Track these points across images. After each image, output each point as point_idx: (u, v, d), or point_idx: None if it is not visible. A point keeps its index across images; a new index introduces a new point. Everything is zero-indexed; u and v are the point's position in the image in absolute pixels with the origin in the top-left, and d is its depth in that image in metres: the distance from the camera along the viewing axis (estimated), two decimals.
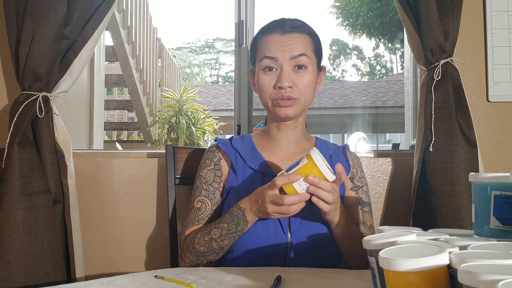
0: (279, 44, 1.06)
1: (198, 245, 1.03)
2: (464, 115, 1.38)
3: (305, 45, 1.08)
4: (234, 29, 1.74)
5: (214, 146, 1.18)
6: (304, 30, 1.10)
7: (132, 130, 5.56)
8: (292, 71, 1.07)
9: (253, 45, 1.14)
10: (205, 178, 1.13)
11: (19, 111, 1.33)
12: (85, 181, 1.57)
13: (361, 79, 14.18)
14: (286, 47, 1.06)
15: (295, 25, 1.09)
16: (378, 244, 0.62)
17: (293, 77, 1.06)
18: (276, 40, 1.07)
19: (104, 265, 1.57)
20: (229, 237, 1.00)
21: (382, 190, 1.59)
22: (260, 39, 1.11)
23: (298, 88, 1.06)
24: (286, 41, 1.07)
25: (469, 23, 1.57)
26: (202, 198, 1.11)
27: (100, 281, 0.86)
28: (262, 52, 1.09)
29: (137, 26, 4.57)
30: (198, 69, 16.52)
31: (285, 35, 1.07)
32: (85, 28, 1.40)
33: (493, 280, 0.43)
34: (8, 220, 1.26)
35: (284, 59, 1.06)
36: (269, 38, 1.09)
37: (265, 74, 1.08)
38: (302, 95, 1.07)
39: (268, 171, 1.10)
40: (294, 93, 1.06)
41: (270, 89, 1.07)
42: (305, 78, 1.07)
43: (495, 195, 0.67)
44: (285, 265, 1.03)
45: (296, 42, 1.07)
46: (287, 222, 1.03)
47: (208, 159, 1.16)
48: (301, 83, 1.06)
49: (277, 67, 1.07)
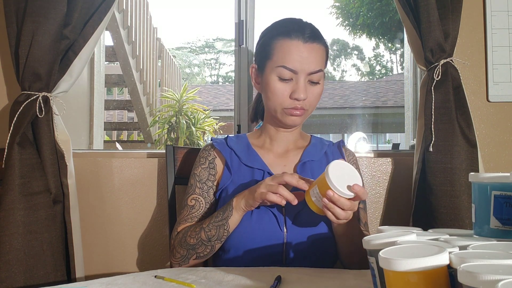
0: (300, 55, 1.05)
1: (189, 238, 1.04)
2: (464, 115, 1.38)
3: (322, 60, 1.10)
4: (234, 29, 1.74)
5: (209, 145, 1.19)
6: (322, 40, 1.10)
7: (132, 130, 5.56)
8: (307, 84, 1.08)
9: (267, 44, 1.10)
10: (199, 177, 1.14)
11: (19, 111, 1.33)
12: (85, 181, 1.57)
13: (361, 79, 14.19)
14: (306, 59, 1.06)
15: (314, 34, 1.09)
16: (378, 244, 0.62)
17: (307, 90, 1.07)
18: (298, 49, 1.06)
19: (104, 265, 1.57)
20: (216, 226, 1.01)
21: (382, 190, 1.59)
22: (278, 41, 1.08)
23: (309, 100, 1.08)
24: (306, 51, 1.06)
25: (469, 23, 1.57)
26: (196, 196, 1.12)
27: (100, 281, 0.86)
28: (281, 59, 1.06)
29: (137, 26, 4.57)
30: (198, 69, 16.51)
31: (306, 44, 1.06)
32: (85, 28, 1.40)
33: (493, 280, 0.43)
34: (8, 220, 1.26)
35: (302, 72, 1.06)
36: (290, 44, 1.06)
37: (281, 82, 1.07)
38: (311, 106, 1.10)
39: (264, 168, 1.11)
40: (305, 105, 1.08)
41: (284, 98, 1.07)
42: (317, 91, 1.10)
43: (495, 195, 0.67)
44: (281, 260, 1.03)
45: (316, 56, 1.07)
46: (283, 218, 1.04)
47: (202, 157, 1.17)
48: (312, 95, 1.09)
49: (294, 78, 1.07)
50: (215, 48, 16.43)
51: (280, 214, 1.04)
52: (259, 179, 1.09)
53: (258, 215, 1.04)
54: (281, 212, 1.05)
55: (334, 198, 0.88)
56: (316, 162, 1.15)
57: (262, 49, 1.12)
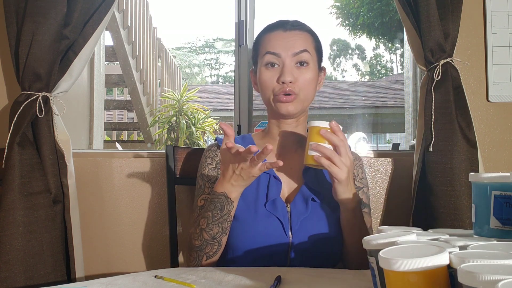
0: (282, 40, 1.09)
1: (193, 240, 1.03)
2: (464, 115, 1.38)
3: (307, 42, 1.11)
4: (234, 29, 1.74)
5: (214, 145, 1.18)
6: (305, 28, 1.14)
7: (132, 130, 5.56)
8: (294, 67, 1.08)
9: (255, 44, 1.16)
10: (207, 177, 1.13)
11: (19, 111, 1.33)
12: (85, 181, 1.57)
13: (361, 79, 14.19)
14: (289, 43, 1.08)
15: (296, 24, 1.13)
16: (378, 244, 0.62)
17: (295, 73, 1.08)
18: (279, 36, 1.10)
19: (104, 265, 1.57)
20: (217, 224, 1.00)
21: (382, 190, 1.59)
22: (262, 37, 1.14)
23: (299, 84, 1.08)
24: (288, 37, 1.09)
25: (469, 23, 1.57)
26: (205, 196, 1.11)
27: (100, 281, 0.86)
28: (264, 48, 1.11)
29: (137, 26, 4.57)
30: (198, 69, 16.51)
31: (287, 32, 1.10)
32: (85, 28, 1.40)
33: (493, 280, 0.43)
34: (8, 220, 1.26)
35: (286, 55, 1.08)
36: (271, 35, 1.11)
37: (267, 70, 1.09)
38: (302, 90, 1.09)
39: (270, 172, 1.09)
40: (295, 88, 1.07)
41: (272, 83, 1.08)
42: (307, 74, 1.09)
43: (495, 195, 0.67)
44: (286, 265, 1.03)
45: (298, 39, 1.10)
46: (288, 222, 1.03)
47: (209, 157, 1.16)
48: (302, 78, 1.08)
49: (279, 62, 1.08)
50: (215, 48, 16.44)
51: (286, 219, 1.03)
52: (264, 183, 1.07)
53: (263, 219, 1.02)
54: (287, 217, 1.03)
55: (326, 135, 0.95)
56: None
57: (253, 50, 1.17)
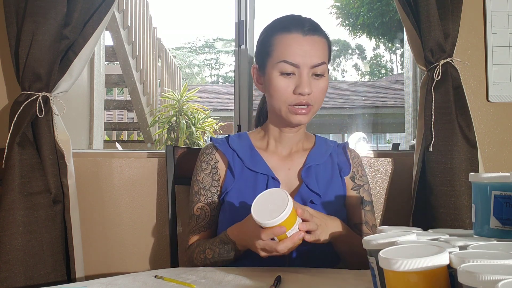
0: (300, 49, 1.02)
1: (196, 260, 1.05)
2: (464, 115, 1.38)
3: (324, 52, 1.06)
4: (234, 29, 1.73)
5: (210, 147, 1.15)
6: (322, 33, 1.08)
7: (132, 130, 5.56)
8: (311, 77, 1.04)
9: (266, 41, 1.07)
10: (202, 183, 1.12)
11: (19, 111, 1.33)
12: (85, 181, 1.57)
13: (361, 79, 14.19)
14: (308, 53, 1.03)
15: (314, 27, 1.06)
16: (378, 244, 0.62)
17: (311, 84, 1.04)
18: (297, 42, 1.03)
19: (104, 265, 1.57)
20: (222, 260, 1.01)
21: (382, 190, 1.59)
22: (277, 37, 1.05)
23: (315, 95, 1.05)
24: (307, 44, 1.03)
25: (469, 23, 1.57)
26: (201, 205, 1.11)
27: (100, 281, 0.86)
28: (281, 54, 1.03)
29: (137, 26, 4.57)
30: (198, 69, 16.51)
31: (307, 37, 1.04)
32: (85, 28, 1.40)
33: (493, 280, 0.43)
34: (8, 220, 1.26)
35: (305, 66, 1.02)
36: (289, 38, 1.04)
37: (283, 78, 1.03)
38: (317, 101, 1.06)
39: (268, 173, 1.08)
40: (311, 100, 1.04)
41: (288, 94, 1.03)
42: (322, 85, 1.06)
43: (495, 195, 0.67)
44: (286, 265, 1.02)
45: (317, 49, 1.04)
46: None
47: (204, 162, 1.13)
48: (317, 90, 1.05)
49: (296, 72, 1.03)
50: (215, 48, 16.43)
51: None
52: (262, 184, 1.06)
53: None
54: None
55: (274, 232, 0.86)
56: (321, 166, 1.12)
57: (262, 48, 1.09)
